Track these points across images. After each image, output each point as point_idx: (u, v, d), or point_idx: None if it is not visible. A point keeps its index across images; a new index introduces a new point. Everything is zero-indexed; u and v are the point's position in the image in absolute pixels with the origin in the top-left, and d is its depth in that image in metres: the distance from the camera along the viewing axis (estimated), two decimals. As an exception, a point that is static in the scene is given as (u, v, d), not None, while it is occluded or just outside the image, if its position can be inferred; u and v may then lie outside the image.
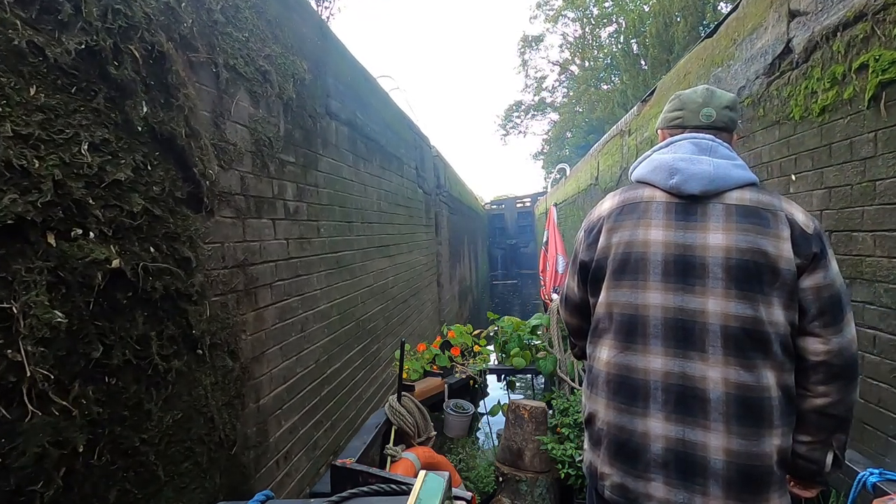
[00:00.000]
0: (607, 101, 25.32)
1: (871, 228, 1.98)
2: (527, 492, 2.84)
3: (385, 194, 4.40)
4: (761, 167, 2.80)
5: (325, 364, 2.87)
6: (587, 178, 8.75)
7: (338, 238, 3.17)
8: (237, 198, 2.02)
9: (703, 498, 1.09)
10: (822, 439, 1.16)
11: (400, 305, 4.87)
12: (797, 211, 1.17)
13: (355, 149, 3.59)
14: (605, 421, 1.22)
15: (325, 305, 2.91)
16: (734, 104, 1.31)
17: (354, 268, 3.49)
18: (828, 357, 1.12)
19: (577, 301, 1.42)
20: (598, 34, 29.23)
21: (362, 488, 1.15)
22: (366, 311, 3.72)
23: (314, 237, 2.80)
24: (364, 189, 3.79)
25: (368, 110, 3.94)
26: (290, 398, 2.41)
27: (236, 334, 1.96)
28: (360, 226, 3.65)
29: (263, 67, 2.23)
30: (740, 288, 1.11)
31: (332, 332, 3.02)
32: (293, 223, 2.53)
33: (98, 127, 1.32)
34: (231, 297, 1.94)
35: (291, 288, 2.48)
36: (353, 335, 3.40)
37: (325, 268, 2.95)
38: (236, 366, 1.95)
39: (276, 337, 2.31)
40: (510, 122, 34.75)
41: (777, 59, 2.60)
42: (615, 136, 6.39)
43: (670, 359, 1.15)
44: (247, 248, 2.07)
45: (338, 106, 3.24)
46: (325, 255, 2.94)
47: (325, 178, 3.00)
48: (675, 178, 1.20)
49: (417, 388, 3.17)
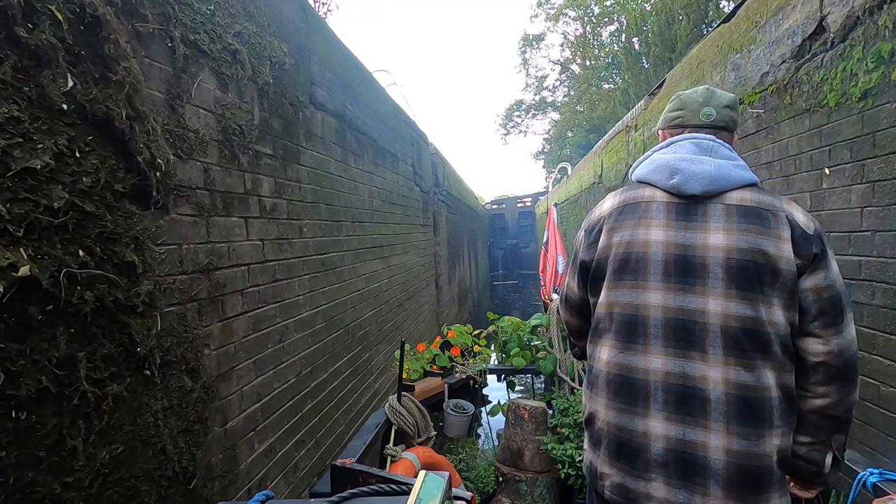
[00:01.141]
0: (609, 100, 25.17)
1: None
2: (527, 492, 2.81)
3: (378, 192, 4.15)
4: (788, 160, 2.55)
5: (308, 377, 2.62)
6: (590, 176, 8.49)
7: (324, 238, 2.92)
8: (199, 193, 1.76)
9: (704, 498, 1.09)
10: (822, 440, 1.16)
11: (395, 310, 4.61)
12: (797, 211, 1.16)
13: (344, 142, 3.34)
14: (605, 421, 1.22)
15: (308, 312, 2.65)
16: (734, 104, 1.30)
17: (343, 270, 3.23)
18: (828, 358, 1.12)
19: (577, 301, 1.42)
20: (600, 33, 29.12)
21: (362, 488, 1.14)
22: (356, 316, 3.47)
23: (296, 238, 2.55)
24: (354, 186, 3.53)
25: (359, 102, 3.69)
26: (265, 417, 2.16)
27: (197, 349, 1.71)
28: (350, 225, 3.39)
29: (233, 46, 1.97)
30: (741, 288, 1.11)
31: (317, 342, 2.76)
32: (270, 222, 2.28)
33: (2, 102, 1.07)
34: (191, 307, 1.69)
35: (268, 294, 2.23)
36: (341, 343, 3.14)
37: (309, 271, 2.69)
38: (197, 385, 1.69)
39: (249, 350, 2.06)
40: (511, 122, 34.54)
41: (807, 41, 2.35)
42: (620, 132, 6.14)
43: (671, 359, 1.14)
44: (212, 251, 1.82)
45: (324, 95, 2.98)
46: (308, 257, 2.69)
47: (309, 173, 2.75)
48: (676, 178, 1.19)
49: (417, 388, 3.09)
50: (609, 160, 6.77)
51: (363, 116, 3.75)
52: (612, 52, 26.85)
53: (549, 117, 33.69)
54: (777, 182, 2.65)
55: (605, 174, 7.10)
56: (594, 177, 7.96)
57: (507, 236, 28.71)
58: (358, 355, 3.49)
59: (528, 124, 35.36)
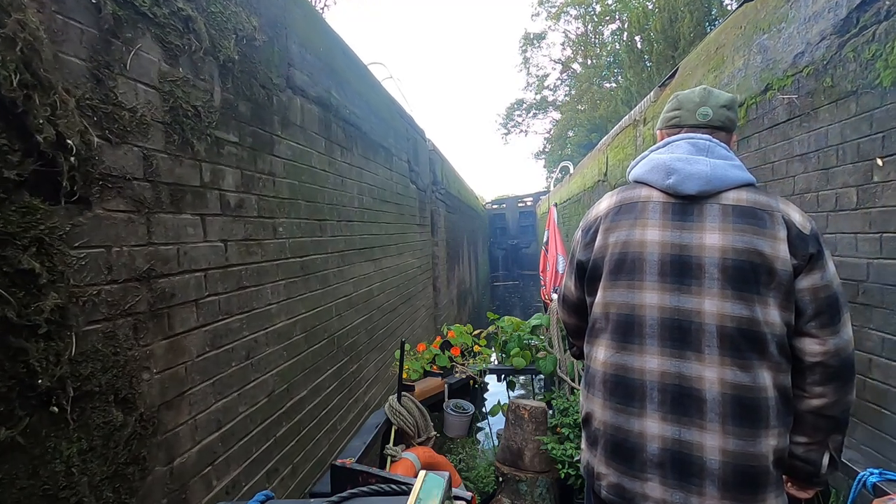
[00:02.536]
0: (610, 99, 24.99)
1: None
2: (527, 492, 2.80)
3: (369, 189, 3.84)
4: (827, 151, 2.24)
5: (283, 396, 2.31)
6: (594, 174, 8.19)
7: (304, 239, 2.61)
8: (137, 184, 1.46)
9: (700, 498, 1.09)
10: (819, 440, 1.15)
11: (388, 315, 4.31)
12: (794, 211, 1.16)
13: (329, 133, 3.04)
14: (602, 421, 1.22)
15: (283, 323, 2.35)
16: (732, 104, 1.29)
17: (327, 274, 2.93)
18: (824, 358, 1.11)
19: (575, 301, 1.42)
20: (601, 31, 28.97)
21: (362, 488, 1.13)
22: (343, 324, 3.16)
23: (269, 238, 2.24)
24: (341, 181, 3.23)
25: (347, 90, 3.38)
26: (227, 448, 1.85)
27: (132, 374, 1.40)
28: (335, 225, 3.09)
29: (185, 12, 1.67)
30: (736, 288, 1.11)
31: (295, 355, 2.46)
32: (235, 221, 1.97)
33: None
34: (123, 324, 1.39)
35: (231, 304, 1.92)
36: (324, 355, 2.84)
37: (285, 276, 2.39)
38: (131, 419, 1.39)
39: (206, 370, 1.75)
40: (511, 121, 34.26)
41: (854, 12, 2.04)
42: (627, 128, 5.83)
43: (667, 359, 1.14)
44: (155, 254, 1.52)
45: (304, 80, 2.68)
46: (284, 260, 2.38)
47: (286, 165, 2.44)
48: (672, 178, 1.19)
49: (417, 388, 3.07)
50: (615, 157, 6.46)
51: (351, 106, 3.45)
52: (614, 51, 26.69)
53: (550, 116, 33.47)
54: (814, 176, 2.35)
55: (610, 171, 6.79)
56: (598, 174, 7.65)
57: (508, 236, 28.36)
58: (345, 367, 3.18)
59: (529, 124, 35.12)
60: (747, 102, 2.97)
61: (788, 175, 2.56)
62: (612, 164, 6.67)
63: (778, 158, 2.65)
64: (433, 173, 7.21)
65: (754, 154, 2.91)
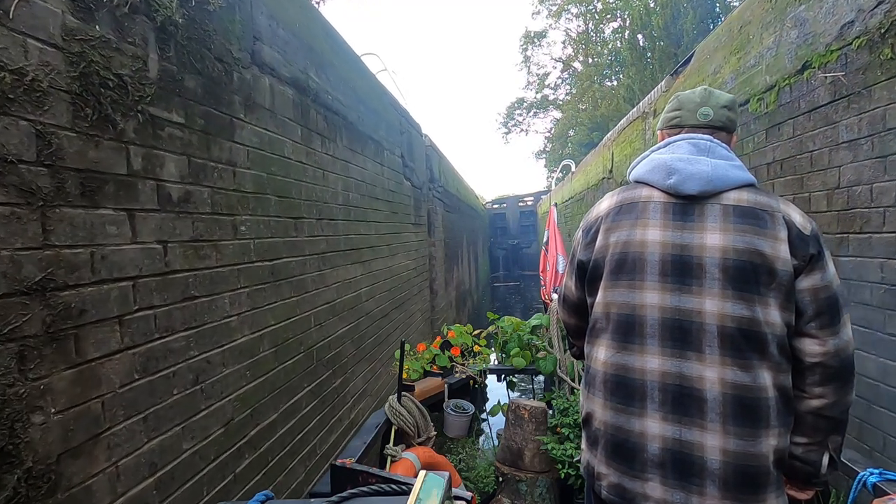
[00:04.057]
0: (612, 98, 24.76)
1: None
2: (527, 492, 2.80)
3: (356, 184, 3.50)
4: (886, 137, 1.90)
5: (245, 423, 1.98)
6: (598, 171, 7.85)
7: (274, 240, 2.28)
8: (26, 169, 1.12)
9: (700, 498, 1.08)
10: (819, 441, 1.15)
11: (378, 322, 3.97)
12: (794, 212, 1.16)
13: (307, 121, 2.70)
14: (602, 421, 1.21)
15: (246, 337, 2.01)
16: (733, 104, 1.29)
17: (305, 280, 2.59)
18: (824, 358, 1.11)
19: (575, 300, 1.41)
20: (602, 30, 28.80)
21: (362, 488, 1.12)
22: (324, 335, 2.83)
23: (227, 239, 1.91)
24: (322, 175, 2.89)
25: (329, 74, 3.04)
26: (165, 495, 1.51)
27: (13, 419, 1.06)
28: (315, 223, 2.75)
29: (102, -45, 1.33)
30: (737, 288, 1.10)
31: (261, 374, 2.12)
32: (180, 218, 1.64)
33: None
34: (5, 351, 1.05)
35: (173, 319, 1.59)
36: (300, 371, 2.50)
37: (250, 283, 2.05)
38: (13, 477, 1.05)
39: (135, 403, 1.41)
40: (512, 120, 33.97)
41: (924, -33, 1.70)
42: (636, 121, 5.49)
43: (667, 359, 1.14)
44: (54, 259, 1.18)
45: (275, 58, 2.34)
46: (248, 264, 2.05)
47: (251, 154, 2.11)
48: (673, 178, 1.19)
49: (417, 388, 3.05)
50: (621, 152, 6.12)
51: (335, 92, 3.11)
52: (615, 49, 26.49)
53: (551, 116, 33.21)
54: (866, 166, 2.01)
55: (615, 168, 6.45)
56: (603, 171, 7.31)
57: (509, 236, 27.99)
58: (326, 382, 2.85)
59: (530, 123, 34.80)
60: (779, 85, 2.63)
61: (832, 165, 2.22)
62: (618, 159, 6.33)
63: (818, 146, 2.31)
64: (430, 170, 6.87)
65: (788, 143, 2.57)
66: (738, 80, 3.08)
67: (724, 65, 3.28)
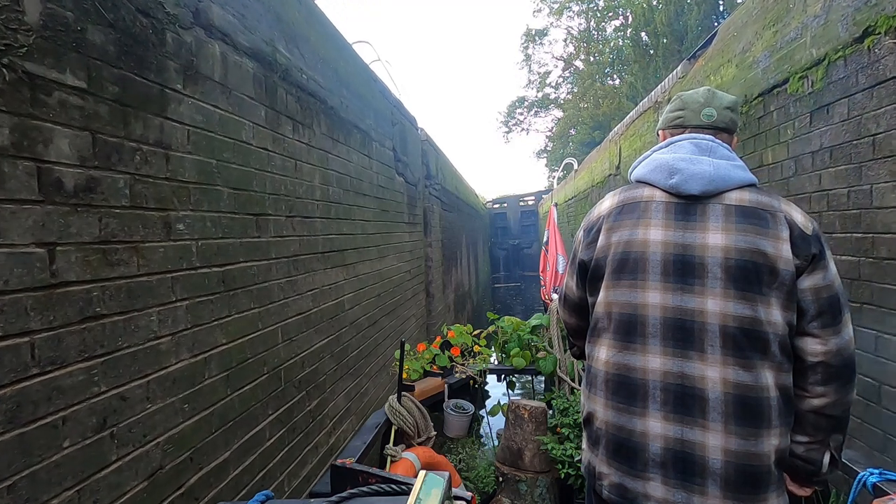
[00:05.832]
0: (613, 97, 24.47)
1: None
2: (527, 492, 2.81)
3: (338, 177, 3.11)
4: None
5: (181, 470, 1.58)
6: (604, 168, 7.45)
7: (226, 241, 1.88)
8: None
9: (702, 497, 1.08)
10: (820, 440, 1.15)
11: (366, 331, 3.58)
12: (796, 212, 1.16)
13: (274, 101, 2.30)
14: (604, 420, 1.21)
15: (184, 363, 1.62)
16: (735, 105, 1.30)
17: (270, 288, 2.20)
18: (826, 358, 1.11)
19: (576, 300, 1.40)
20: (604, 28, 28.55)
21: (362, 488, 1.12)
22: (295, 351, 2.43)
23: (156, 240, 1.51)
24: (295, 166, 2.49)
25: (304, 50, 2.65)
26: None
27: None
28: (284, 221, 2.36)
29: None
30: (739, 288, 1.10)
31: (206, 406, 1.73)
32: (78, 212, 1.24)
33: None
34: None
35: (64, 348, 1.19)
36: (262, 396, 2.11)
37: (190, 294, 1.66)
38: None
39: (-7, 467, 1.02)
40: (513, 119, 33.63)
41: None
42: (647, 111, 5.09)
43: (669, 358, 1.13)
44: None
45: (230, 22, 1.95)
46: (187, 271, 1.65)
47: (193, 135, 1.71)
48: (675, 177, 1.19)
49: (417, 388, 3.04)
50: (630, 146, 5.72)
51: (310, 71, 2.71)
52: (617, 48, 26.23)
53: (552, 114, 32.91)
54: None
55: (623, 163, 6.06)
56: (610, 168, 6.91)
57: (510, 236, 27.58)
58: (298, 406, 2.45)
59: (531, 122, 34.50)
60: (829, 58, 2.23)
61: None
62: (626, 155, 5.94)
63: (884, 129, 1.92)
64: (426, 166, 6.47)
65: (840, 126, 2.17)
66: (774, 58, 2.68)
67: (756, 41, 2.88)
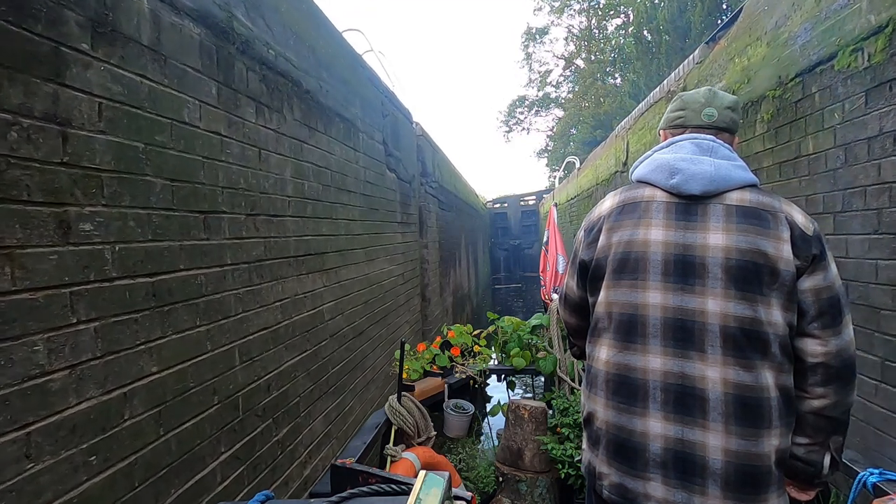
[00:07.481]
0: (615, 95, 24.21)
1: None
2: (527, 492, 2.79)
3: (315, 171, 2.74)
4: None
5: (82, 545, 1.21)
6: (609, 165, 7.09)
7: (161, 244, 1.51)
8: None
9: (702, 497, 1.08)
10: (820, 441, 1.15)
11: (350, 343, 3.21)
12: (797, 213, 1.16)
13: (230, 78, 1.94)
14: (604, 420, 1.21)
15: (91, 401, 1.25)
16: (736, 105, 1.30)
17: (223, 300, 1.83)
18: (826, 358, 1.11)
19: (577, 300, 1.41)
20: (605, 26, 28.36)
21: (362, 488, 1.13)
22: (257, 374, 2.06)
23: (43, 245, 1.14)
24: (258, 155, 2.13)
25: (271, 22, 2.28)
26: None
27: None
28: (243, 221, 1.99)
29: None
30: (739, 288, 1.10)
31: (125, 455, 1.36)
32: None
33: None
34: None
35: None
36: (211, 432, 1.74)
37: (103, 313, 1.29)
38: None
39: None
40: (513, 118, 33.36)
41: None
42: (659, 102, 4.72)
43: (669, 358, 1.14)
44: None
45: (166, -27, 1.58)
46: (97, 283, 1.28)
47: (109, 110, 1.34)
48: (676, 177, 1.19)
49: (417, 388, 3.09)
50: (639, 140, 5.35)
51: (279, 46, 2.35)
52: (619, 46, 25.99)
53: (553, 114, 32.65)
54: None
55: (631, 159, 5.68)
56: (616, 164, 6.55)
57: (510, 236, 27.18)
58: (262, 437, 2.08)
59: (532, 121, 34.22)
60: (893, 24, 1.86)
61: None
62: (634, 150, 5.57)
63: None
64: (422, 163, 6.10)
65: (908, 106, 1.80)
66: (818, 30, 2.31)
67: (793, 14, 2.51)
